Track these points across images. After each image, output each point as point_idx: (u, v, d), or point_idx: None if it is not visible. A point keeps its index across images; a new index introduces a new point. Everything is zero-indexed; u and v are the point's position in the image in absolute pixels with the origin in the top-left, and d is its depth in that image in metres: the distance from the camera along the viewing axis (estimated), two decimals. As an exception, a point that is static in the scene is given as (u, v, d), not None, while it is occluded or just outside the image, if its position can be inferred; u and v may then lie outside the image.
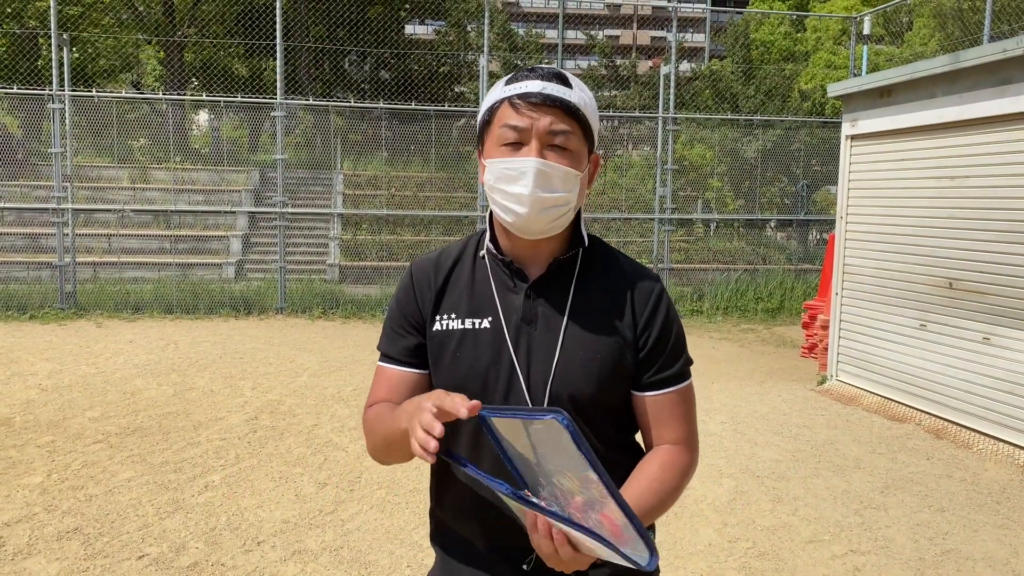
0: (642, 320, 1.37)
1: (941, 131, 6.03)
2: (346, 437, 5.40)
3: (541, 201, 1.29)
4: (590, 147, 1.37)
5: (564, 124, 1.30)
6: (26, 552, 3.57)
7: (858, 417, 6.28)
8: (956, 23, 14.09)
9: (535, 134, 1.29)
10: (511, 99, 1.31)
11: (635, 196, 14.29)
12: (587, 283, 1.40)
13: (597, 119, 1.38)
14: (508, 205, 1.31)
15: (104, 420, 5.66)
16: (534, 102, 1.29)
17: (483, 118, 1.37)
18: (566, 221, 1.36)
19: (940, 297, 6.05)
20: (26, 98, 11.19)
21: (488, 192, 1.35)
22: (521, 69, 1.37)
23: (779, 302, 11.96)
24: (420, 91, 15.32)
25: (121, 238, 12.63)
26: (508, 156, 1.30)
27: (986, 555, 3.80)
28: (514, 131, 1.30)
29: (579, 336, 1.35)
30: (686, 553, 3.74)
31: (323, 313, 10.92)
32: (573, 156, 1.32)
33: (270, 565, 3.52)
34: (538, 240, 1.37)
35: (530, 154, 1.29)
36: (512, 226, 1.35)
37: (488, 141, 1.35)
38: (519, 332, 1.36)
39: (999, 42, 5.44)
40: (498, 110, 1.33)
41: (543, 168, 1.28)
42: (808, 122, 13.70)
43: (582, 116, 1.32)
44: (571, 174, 1.31)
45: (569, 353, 1.34)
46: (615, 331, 1.36)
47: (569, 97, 1.30)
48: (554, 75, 1.32)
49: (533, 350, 1.35)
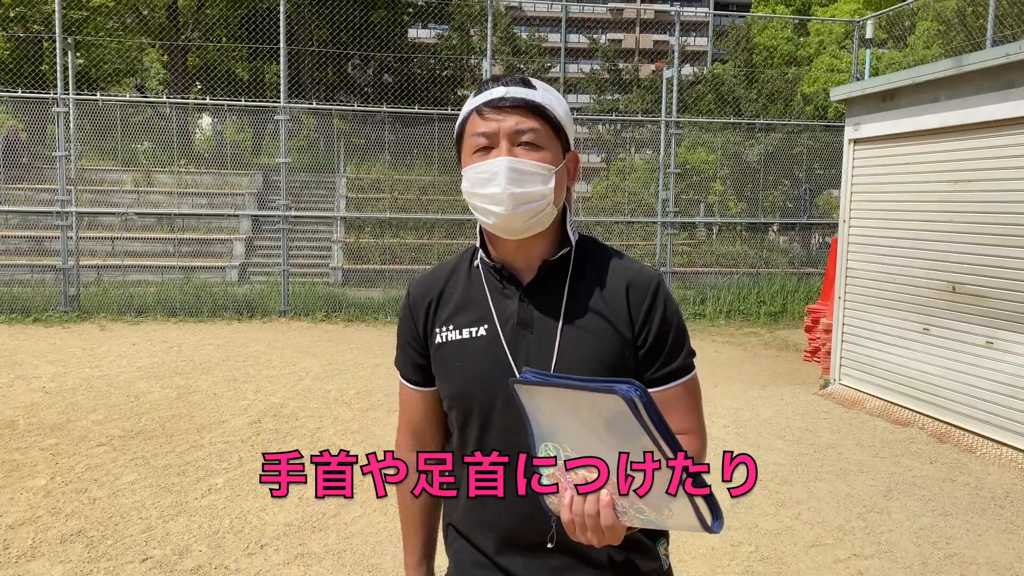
0: (640, 316, 1.37)
1: (944, 135, 6.03)
2: (349, 440, 5.41)
3: (516, 197, 1.30)
4: (565, 145, 1.39)
5: (530, 122, 1.32)
6: (30, 555, 3.58)
7: (861, 421, 6.27)
8: (959, 27, 14.09)
9: (503, 135, 1.32)
10: (478, 108, 1.35)
11: (638, 199, 14.30)
12: (581, 283, 1.40)
13: (570, 119, 1.40)
14: (486, 207, 1.33)
15: (108, 423, 5.67)
16: (498, 106, 1.32)
17: (457, 132, 1.41)
18: (548, 218, 1.37)
19: (943, 301, 6.05)
20: (30, 101, 11.24)
21: (468, 200, 1.37)
22: (486, 80, 1.40)
23: (782, 306, 11.95)
24: (423, 95, 15.34)
25: (125, 241, 12.66)
26: (480, 161, 1.33)
27: (989, 559, 3.79)
28: (483, 137, 1.33)
29: (576, 337, 1.35)
30: (689, 557, 3.74)
31: (326, 316, 10.93)
32: (544, 152, 1.33)
33: (273, 568, 3.52)
34: (526, 243, 1.38)
35: (500, 154, 1.31)
36: (494, 228, 1.36)
37: (464, 153, 1.39)
38: (516, 337, 1.37)
39: (1002, 46, 5.45)
40: (468, 121, 1.37)
41: (513, 165, 1.30)
42: (811, 126, 13.69)
43: (548, 113, 1.34)
44: (543, 167, 1.32)
45: (567, 355, 1.34)
46: (613, 330, 1.36)
47: (532, 96, 1.33)
48: (517, 80, 1.35)
49: (531, 354, 1.36)
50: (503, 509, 1.35)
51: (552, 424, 1.11)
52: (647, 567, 1.38)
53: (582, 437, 1.08)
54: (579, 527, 1.11)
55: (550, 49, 22.36)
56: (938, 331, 6.10)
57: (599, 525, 1.09)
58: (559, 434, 1.11)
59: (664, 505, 1.04)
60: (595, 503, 1.09)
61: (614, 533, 1.10)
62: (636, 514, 1.08)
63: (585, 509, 1.09)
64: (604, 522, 1.09)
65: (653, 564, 1.39)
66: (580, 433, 1.08)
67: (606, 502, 1.08)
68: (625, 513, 1.09)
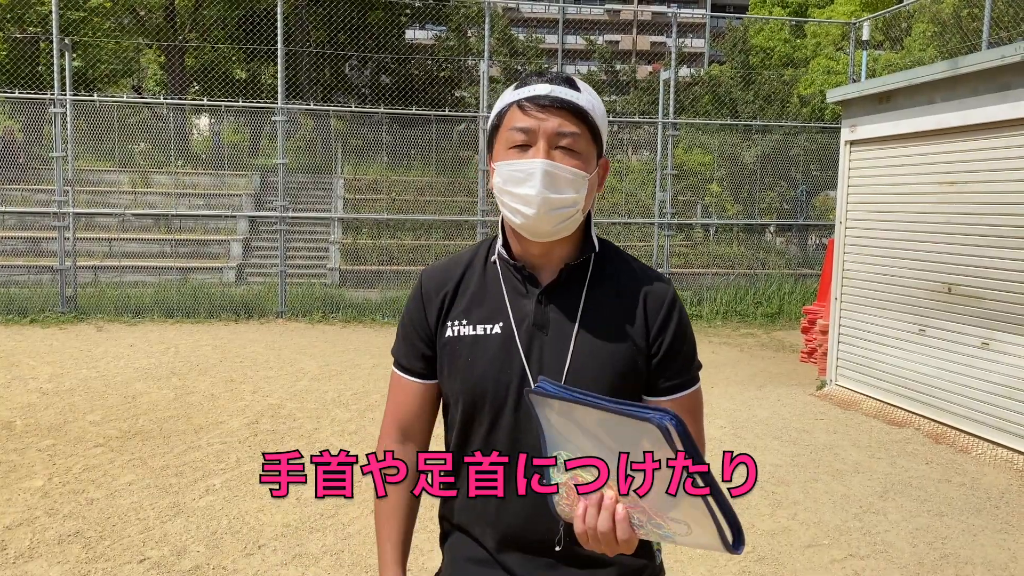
0: (655, 326, 1.38)
1: (940, 137, 6.05)
2: (346, 441, 5.41)
3: (549, 202, 1.29)
4: (599, 150, 1.37)
5: (572, 126, 1.30)
6: (27, 556, 3.58)
7: (857, 421, 6.28)
8: (955, 29, 14.13)
9: (542, 135, 1.29)
10: (519, 102, 1.32)
11: (635, 201, 14.33)
12: (599, 288, 1.40)
13: (606, 123, 1.39)
14: (516, 207, 1.32)
15: (105, 424, 5.67)
16: (542, 104, 1.30)
17: (493, 123, 1.38)
18: (575, 223, 1.36)
19: (939, 302, 6.07)
20: (27, 102, 11.23)
21: (497, 195, 1.35)
22: (530, 73, 1.38)
23: (778, 307, 11.97)
24: (420, 96, 15.35)
25: (122, 242, 12.65)
26: (516, 158, 1.31)
27: (985, 559, 3.81)
28: (522, 133, 1.30)
29: (590, 342, 1.35)
30: (686, 557, 3.75)
31: (323, 317, 10.93)
32: (581, 158, 1.32)
33: (271, 569, 3.53)
34: (549, 244, 1.38)
35: (537, 155, 1.29)
36: (521, 228, 1.35)
37: (498, 144, 1.36)
38: (531, 338, 1.36)
39: (998, 48, 5.47)
40: (507, 114, 1.34)
41: (550, 169, 1.29)
42: (807, 127, 13.73)
43: (590, 119, 1.32)
44: (579, 175, 1.31)
45: (580, 359, 1.34)
46: (627, 337, 1.36)
47: (577, 100, 1.31)
48: (563, 79, 1.33)
49: (545, 356, 1.35)
50: (505, 507, 1.36)
51: (565, 434, 1.11)
52: (641, 564, 1.38)
53: (599, 450, 1.08)
54: (592, 539, 1.11)
55: (547, 50, 22.37)
56: (934, 332, 6.12)
57: (614, 539, 1.08)
58: (574, 442, 1.10)
59: (685, 522, 1.03)
60: (609, 518, 1.07)
61: (629, 545, 1.10)
62: (654, 529, 1.07)
63: (599, 524, 1.08)
64: (621, 536, 1.08)
65: (648, 561, 1.40)
66: (597, 446, 1.08)
67: (622, 515, 1.07)
68: (641, 527, 1.08)
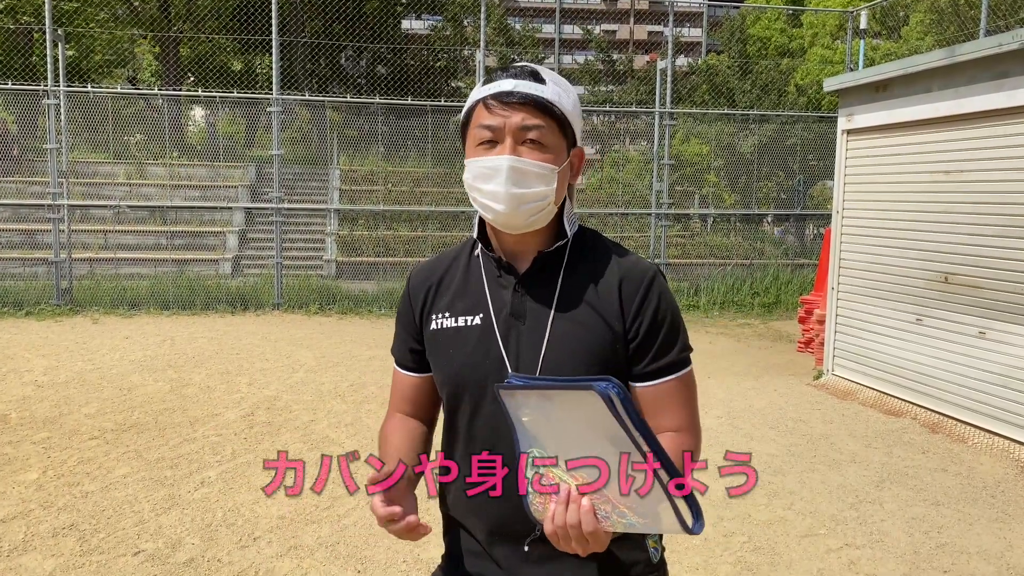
0: (631, 310, 1.36)
1: (937, 125, 6.03)
2: (343, 433, 5.40)
3: (517, 197, 1.31)
4: (571, 141, 1.38)
5: (537, 119, 1.31)
6: (22, 548, 3.57)
7: (854, 411, 6.29)
8: (952, 18, 14.09)
9: (508, 131, 1.31)
10: (484, 99, 1.34)
11: (632, 191, 14.29)
12: (575, 275, 1.40)
13: (578, 113, 1.39)
14: (486, 203, 1.34)
15: (100, 416, 5.66)
16: (506, 101, 1.31)
17: (462, 120, 1.40)
18: (548, 215, 1.38)
19: (936, 291, 6.06)
20: (21, 94, 11.14)
21: (468, 191, 1.38)
22: (497, 68, 1.40)
23: (775, 297, 11.97)
24: (416, 86, 15.27)
25: (117, 234, 12.60)
26: (484, 155, 1.33)
27: (981, 549, 3.81)
28: (488, 130, 1.32)
29: (566, 329, 1.35)
30: (681, 547, 3.75)
31: (320, 309, 10.91)
32: (549, 151, 1.33)
33: (266, 561, 3.52)
34: (524, 235, 1.39)
35: (503, 152, 1.31)
36: (494, 223, 1.37)
37: (468, 142, 1.38)
38: (508, 327, 1.38)
39: (995, 36, 5.44)
40: (474, 111, 1.36)
41: (515, 164, 1.30)
42: (804, 117, 13.69)
43: (556, 111, 1.33)
44: (546, 168, 1.32)
45: (556, 346, 1.35)
46: (603, 323, 1.36)
47: (542, 93, 1.32)
48: (528, 72, 1.34)
49: (521, 344, 1.36)
50: (491, 501, 1.36)
51: (535, 430, 1.11)
52: (631, 558, 1.37)
53: (565, 443, 1.08)
54: (563, 538, 1.12)
55: (544, 40, 22.29)
56: (931, 322, 6.12)
57: (582, 534, 1.09)
58: (542, 439, 1.11)
59: (645, 508, 1.03)
60: (576, 511, 1.09)
61: (597, 539, 1.10)
62: (619, 519, 1.07)
63: (567, 519, 1.09)
64: (585, 528, 1.09)
65: (638, 555, 1.39)
66: (562, 439, 1.08)
67: (587, 508, 1.08)
68: (608, 518, 1.08)
